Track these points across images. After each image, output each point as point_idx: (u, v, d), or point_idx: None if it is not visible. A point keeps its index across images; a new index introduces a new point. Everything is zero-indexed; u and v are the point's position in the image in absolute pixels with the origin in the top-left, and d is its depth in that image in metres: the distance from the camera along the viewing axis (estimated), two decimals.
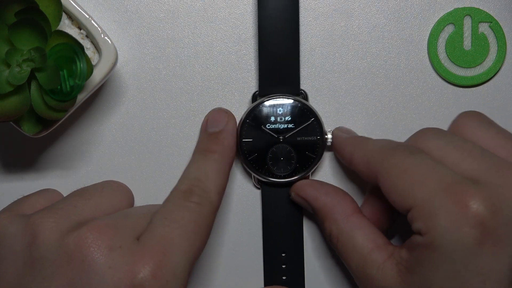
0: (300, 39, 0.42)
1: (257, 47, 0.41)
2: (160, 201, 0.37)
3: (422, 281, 0.33)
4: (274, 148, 0.41)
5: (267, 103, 0.41)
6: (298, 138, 0.41)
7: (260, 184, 0.42)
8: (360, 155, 0.38)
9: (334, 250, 0.42)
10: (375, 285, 0.35)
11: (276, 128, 0.41)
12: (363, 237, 0.37)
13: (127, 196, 0.40)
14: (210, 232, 0.36)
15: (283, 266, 0.42)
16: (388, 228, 0.40)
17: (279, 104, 0.41)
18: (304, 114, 0.41)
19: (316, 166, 0.41)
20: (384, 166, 0.36)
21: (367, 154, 0.37)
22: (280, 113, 0.41)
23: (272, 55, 0.40)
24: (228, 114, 0.41)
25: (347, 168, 0.43)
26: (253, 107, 0.41)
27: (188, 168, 0.38)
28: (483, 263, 0.32)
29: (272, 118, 0.41)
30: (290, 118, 0.41)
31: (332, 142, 0.41)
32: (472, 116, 0.38)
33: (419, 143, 0.37)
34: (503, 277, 0.32)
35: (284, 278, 0.42)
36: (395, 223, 0.41)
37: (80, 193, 0.38)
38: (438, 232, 0.32)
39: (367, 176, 0.37)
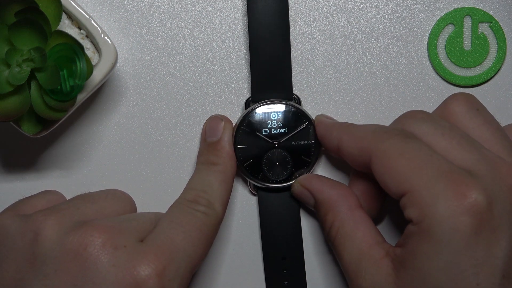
0: (300, 39, 0.42)
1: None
2: (159, 200, 0.37)
3: (416, 275, 0.33)
4: (269, 153, 0.41)
5: (260, 109, 0.41)
6: (293, 143, 0.41)
7: (256, 190, 0.42)
8: (350, 137, 0.38)
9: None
10: (368, 279, 0.35)
11: (271, 133, 0.41)
12: (364, 232, 0.37)
13: (130, 204, 0.40)
14: (213, 242, 0.37)
15: (284, 272, 0.42)
16: (374, 218, 0.40)
17: (273, 110, 0.41)
18: (298, 119, 0.41)
19: (312, 170, 0.41)
20: (379, 148, 0.35)
21: (359, 136, 0.37)
22: (274, 118, 0.41)
23: (264, 61, 0.40)
24: (224, 121, 0.41)
25: (342, 171, 0.43)
26: (246, 113, 0.41)
27: (192, 179, 0.39)
28: (478, 253, 0.32)
29: (266, 124, 0.41)
30: (284, 123, 0.41)
31: (316, 127, 0.41)
32: (461, 101, 0.38)
33: (407, 127, 0.36)
34: (496, 270, 0.32)
35: (286, 283, 0.42)
36: (391, 222, 0.40)
37: (83, 197, 0.38)
38: (436, 219, 0.32)
39: (357, 160, 0.37)
